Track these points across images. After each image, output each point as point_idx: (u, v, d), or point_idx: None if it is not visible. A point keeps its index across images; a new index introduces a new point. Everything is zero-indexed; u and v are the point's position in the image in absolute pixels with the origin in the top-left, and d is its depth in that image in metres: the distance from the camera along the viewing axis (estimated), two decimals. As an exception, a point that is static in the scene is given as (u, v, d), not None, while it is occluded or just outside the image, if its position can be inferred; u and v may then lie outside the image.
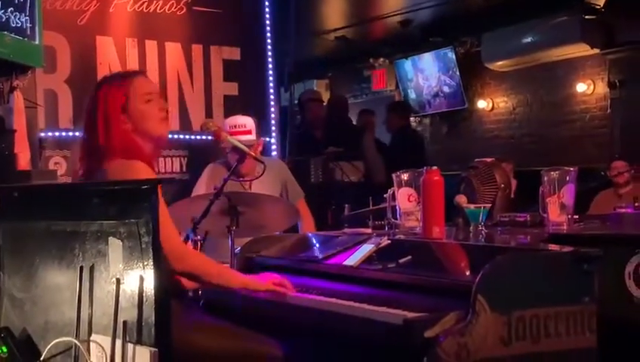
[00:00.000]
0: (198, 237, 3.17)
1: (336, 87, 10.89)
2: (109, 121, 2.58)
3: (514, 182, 6.10)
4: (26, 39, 3.54)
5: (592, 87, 8.04)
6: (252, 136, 4.19)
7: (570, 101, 8.31)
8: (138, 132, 2.62)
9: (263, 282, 2.68)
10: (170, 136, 3.45)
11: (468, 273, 2.44)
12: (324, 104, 7.69)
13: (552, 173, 2.96)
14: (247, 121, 4.25)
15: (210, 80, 5.61)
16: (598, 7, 7.45)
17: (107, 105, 2.60)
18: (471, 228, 3.03)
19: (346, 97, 8.93)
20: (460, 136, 9.67)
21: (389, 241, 2.80)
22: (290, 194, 4.36)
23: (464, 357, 2.10)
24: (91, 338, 2.15)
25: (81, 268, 2.20)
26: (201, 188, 4.20)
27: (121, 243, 2.11)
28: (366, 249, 2.77)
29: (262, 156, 4.00)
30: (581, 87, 8.12)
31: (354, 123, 8.19)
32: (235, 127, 4.15)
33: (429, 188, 2.82)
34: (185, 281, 2.73)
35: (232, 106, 5.62)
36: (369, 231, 3.20)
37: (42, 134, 4.88)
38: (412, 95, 10.04)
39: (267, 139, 5.75)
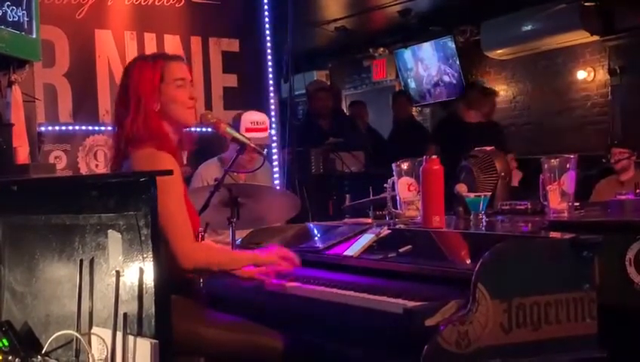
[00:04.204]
0: (199, 229, 3.17)
1: (336, 77, 10.87)
2: (140, 98, 2.58)
3: (519, 174, 6.09)
4: (23, 33, 3.52)
5: (592, 74, 8.02)
6: (267, 134, 4.25)
7: (571, 88, 8.29)
8: (165, 116, 2.63)
9: (270, 255, 2.70)
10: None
11: (468, 261, 2.44)
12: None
13: (553, 160, 2.95)
14: (265, 119, 4.32)
15: (210, 72, 5.59)
16: (598, -7, 7.43)
17: (140, 81, 2.60)
18: (471, 216, 3.02)
19: (339, 88, 8.95)
20: (461, 126, 9.65)
21: (389, 231, 2.81)
22: None
23: (465, 345, 2.11)
24: (92, 330, 2.16)
25: (81, 261, 2.21)
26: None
27: (120, 235, 2.11)
28: (366, 239, 2.77)
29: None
30: (581, 75, 8.10)
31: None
32: (256, 123, 4.20)
33: (429, 177, 2.82)
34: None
35: (232, 98, 5.61)
36: (369, 221, 3.20)
37: (42, 128, 4.87)
38: (412, 85, 10.03)
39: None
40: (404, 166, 3.09)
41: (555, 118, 8.42)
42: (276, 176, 5.56)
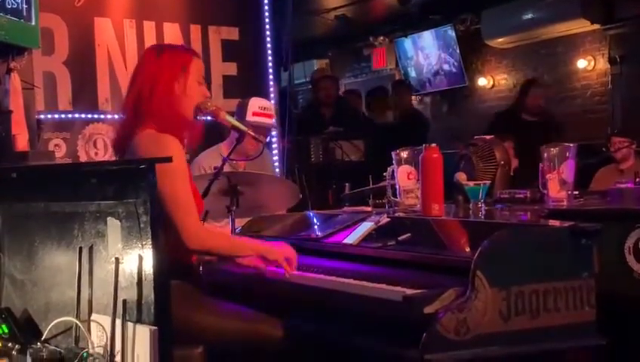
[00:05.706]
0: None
1: (336, 66, 10.85)
2: (170, 78, 2.65)
3: (515, 161, 6.09)
4: (21, 20, 3.52)
5: (592, 63, 8.00)
6: (273, 121, 4.28)
7: (571, 77, 8.28)
8: (181, 103, 2.67)
9: (276, 254, 2.67)
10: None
11: (467, 250, 2.44)
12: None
13: (552, 149, 2.96)
14: (272, 106, 4.37)
15: (209, 60, 5.58)
16: (598, -18, 7.41)
17: (173, 64, 2.67)
18: (470, 205, 3.02)
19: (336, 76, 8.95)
20: (461, 114, 9.64)
21: (389, 219, 2.81)
22: None
23: (463, 332, 2.11)
24: (92, 317, 2.16)
25: (81, 249, 2.21)
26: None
27: (119, 223, 2.11)
28: (365, 227, 2.77)
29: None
30: (582, 64, 8.08)
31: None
32: (264, 108, 4.23)
33: (428, 165, 2.82)
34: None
35: (232, 87, 5.60)
36: (369, 209, 3.20)
37: (42, 116, 4.87)
38: (412, 73, 10.01)
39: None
40: (404, 154, 3.09)
41: (555, 106, 8.41)
42: (276, 164, 5.56)
